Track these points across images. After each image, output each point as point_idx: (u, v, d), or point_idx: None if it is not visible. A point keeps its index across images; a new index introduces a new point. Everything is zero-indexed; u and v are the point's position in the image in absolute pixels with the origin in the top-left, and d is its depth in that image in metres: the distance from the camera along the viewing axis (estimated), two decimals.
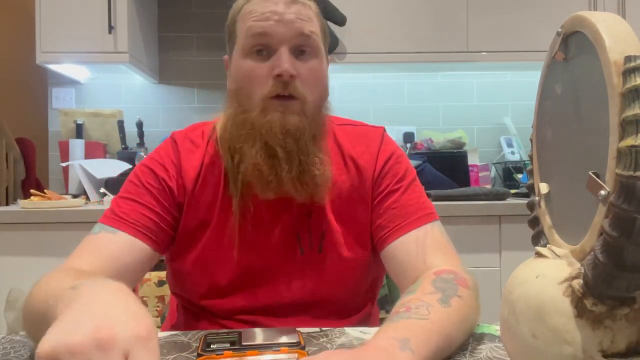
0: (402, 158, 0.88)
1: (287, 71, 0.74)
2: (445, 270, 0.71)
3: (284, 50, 0.75)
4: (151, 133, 2.35)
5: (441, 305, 0.62)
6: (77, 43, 2.03)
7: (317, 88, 0.79)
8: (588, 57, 0.42)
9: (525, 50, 2.15)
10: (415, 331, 0.55)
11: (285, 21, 0.76)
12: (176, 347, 0.65)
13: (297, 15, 0.77)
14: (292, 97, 0.76)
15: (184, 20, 2.44)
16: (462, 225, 1.79)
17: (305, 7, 0.79)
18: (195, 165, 0.83)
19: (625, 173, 0.36)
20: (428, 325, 0.57)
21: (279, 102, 0.76)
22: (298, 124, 0.75)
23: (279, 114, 0.75)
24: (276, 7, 0.76)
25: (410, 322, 0.57)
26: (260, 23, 0.76)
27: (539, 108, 0.51)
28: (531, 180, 0.53)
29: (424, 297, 0.64)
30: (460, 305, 0.64)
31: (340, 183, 0.85)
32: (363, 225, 0.85)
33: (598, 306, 0.39)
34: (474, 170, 2.25)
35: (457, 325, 0.61)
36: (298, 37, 0.77)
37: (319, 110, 0.80)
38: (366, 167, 0.86)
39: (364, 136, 0.89)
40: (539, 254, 0.47)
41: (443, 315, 0.60)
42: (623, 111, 0.37)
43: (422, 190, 0.87)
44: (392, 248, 0.80)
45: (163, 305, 1.23)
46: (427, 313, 0.59)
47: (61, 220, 1.69)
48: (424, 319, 0.58)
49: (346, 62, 2.16)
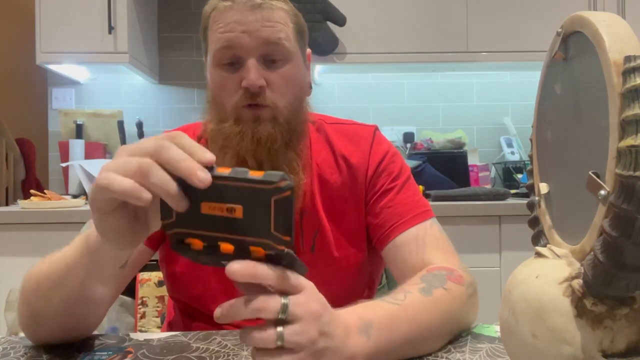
0: (396, 157, 0.88)
1: (254, 85, 0.74)
2: (440, 267, 0.72)
3: (251, 62, 0.75)
4: (151, 133, 2.35)
5: (420, 294, 0.62)
6: (77, 43, 2.03)
7: (290, 93, 0.78)
8: (588, 57, 0.42)
9: (525, 50, 2.15)
10: (382, 315, 0.56)
11: (249, 31, 0.74)
12: (176, 347, 0.65)
13: (263, 22, 0.75)
14: (263, 105, 0.76)
15: (184, 20, 2.44)
16: (462, 225, 1.79)
17: (273, 10, 0.76)
18: None
19: (625, 173, 0.36)
20: (397, 312, 0.57)
21: (250, 111, 0.76)
22: (269, 133, 0.76)
23: (251, 123, 0.76)
24: (240, 15, 0.75)
25: (381, 305, 0.58)
26: (226, 35, 0.75)
27: (539, 108, 0.51)
28: (531, 180, 0.53)
29: (407, 286, 0.65)
30: (442, 296, 0.64)
31: (332, 182, 0.85)
32: (355, 224, 0.85)
33: (598, 306, 0.39)
34: (473, 171, 2.25)
35: (435, 315, 0.61)
36: (264, 46, 0.75)
37: (295, 113, 0.80)
38: (358, 166, 0.86)
39: (355, 135, 0.89)
40: (539, 254, 0.47)
41: (418, 303, 0.61)
42: (623, 111, 0.37)
43: (417, 188, 0.87)
44: (393, 246, 0.81)
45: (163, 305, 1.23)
46: (403, 299, 0.60)
47: (61, 220, 1.69)
48: (396, 304, 0.58)
49: (346, 62, 2.16)
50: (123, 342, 0.67)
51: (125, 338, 0.69)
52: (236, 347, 0.65)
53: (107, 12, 2.01)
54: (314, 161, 0.86)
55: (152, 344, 0.66)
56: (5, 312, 1.68)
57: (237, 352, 0.63)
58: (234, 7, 0.75)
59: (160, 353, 0.63)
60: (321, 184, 0.85)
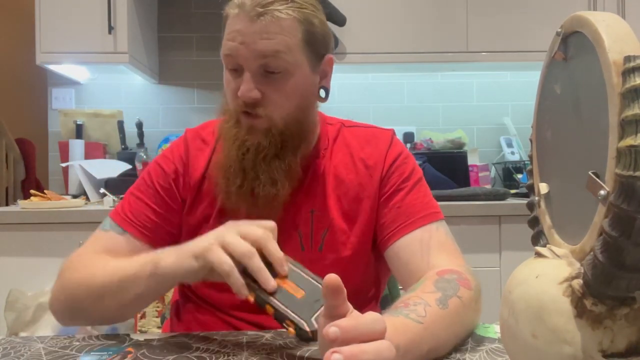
0: (409, 159, 0.89)
1: (247, 97, 0.76)
2: (449, 271, 0.72)
3: (246, 75, 0.76)
4: (151, 133, 2.36)
5: (438, 307, 0.62)
6: (77, 43, 2.03)
7: (289, 104, 0.79)
8: (587, 57, 0.42)
9: (525, 50, 2.15)
10: (408, 339, 0.56)
11: (247, 43, 0.75)
12: (176, 347, 0.65)
13: (262, 33, 0.74)
14: (257, 115, 0.78)
15: (183, 21, 2.44)
16: (462, 225, 1.79)
17: (275, 20, 0.74)
18: (202, 164, 0.87)
19: (625, 173, 0.36)
20: (421, 332, 0.57)
21: (247, 119, 0.79)
22: (258, 142, 0.78)
23: (246, 129, 0.79)
24: (242, 25, 0.75)
25: (407, 326, 0.58)
26: (228, 44, 0.77)
27: (539, 108, 0.51)
28: (531, 180, 0.53)
29: (424, 295, 0.64)
30: (457, 307, 0.64)
31: (347, 182, 0.86)
32: (368, 224, 0.85)
33: (598, 306, 0.39)
34: (473, 171, 2.25)
35: (451, 329, 0.62)
36: (261, 59, 0.75)
37: (295, 123, 0.80)
38: (374, 167, 0.86)
39: (373, 137, 0.90)
40: (538, 254, 0.47)
41: (438, 320, 0.60)
42: (622, 111, 0.37)
43: (428, 190, 0.87)
44: (397, 247, 0.81)
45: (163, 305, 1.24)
46: (424, 315, 0.59)
47: (61, 220, 1.69)
48: (419, 322, 0.58)
49: (346, 62, 2.16)
50: (123, 342, 0.67)
51: (126, 338, 0.69)
52: (236, 347, 0.65)
53: (107, 12, 2.01)
54: (330, 162, 0.87)
55: (152, 344, 0.66)
56: (5, 312, 1.68)
57: (237, 352, 0.63)
58: (239, 15, 0.75)
59: (160, 353, 0.63)
60: (336, 184, 0.85)
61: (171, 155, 0.89)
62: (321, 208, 0.84)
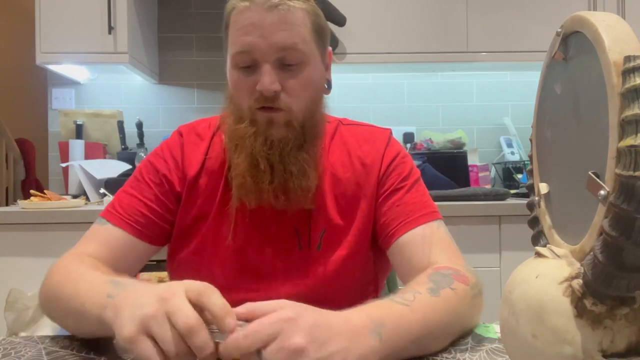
0: (407, 158, 0.90)
1: (268, 90, 0.75)
2: (446, 267, 0.72)
3: (266, 68, 0.75)
4: (151, 133, 2.36)
5: (429, 294, 0.62)
6: (77, 43, 2.03)
7: (306, 96, 0.78)
8: (587, 57, 0.42)
9: (525, 51, 2.15)
10: (393, 316, 0.55)
11: (265, 35, 0.74)
12: None
13: (279, 25, 0.74)
14: (277, 108, 0.76)
15: (183, 20, 2.44)
16: (462, 226, 1.79)
17: (289, 11, 0.75)
18: (198, 159, 0.86)
19: (625, 173, 0.36)
20: (409, 314, 0.57)
21: (265, 114, 0.77)
22: (282, 135, 0.77)
23: (265, 125, 0.77)
24: (257, 16, 0.74)
25: (392, 306, 0.58)
26: (242, 38, 0.75)
27: (539, 108, 0.51)
28: (531, 180, 0.53)
29: (416, 286, 0.65)
30: (450, 297, 0.64)
31: (344, 180, 0.85)
32: (366, 223, 0.85)
33: (598, 306, 0.39)
34: (473, 171, 2.25)
35: (443, 316, 0.61)
36: (279, 51, 0.75)
37: (311, 115, 0.80)
38: (372, 166, 0.86)
39: (370, 136, 0.90)
40: (538, 254, 0.47)
41: (428, 304, 0.60)
42: (622, 111, 0.37)
43: (426, 191, 0.88)
44: (400, 244, 0.81)
45: None
46: (412, 299, 0.59)
47: (61, 220, 1.69)
48: (406, 304, 0.58)
49: (346, 62, 2.16)
50: None
51: None
52: None
53: (107, 12, 2.01)
54: (327, 160, 0.86)
55: None
56: (5, 312, 1.68)
57: None
58: (251, 8, 0.75)
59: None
60: (334, 182, 0.85)
61: (162, 152, 0.88)
62: (319, 207, 0.84)
